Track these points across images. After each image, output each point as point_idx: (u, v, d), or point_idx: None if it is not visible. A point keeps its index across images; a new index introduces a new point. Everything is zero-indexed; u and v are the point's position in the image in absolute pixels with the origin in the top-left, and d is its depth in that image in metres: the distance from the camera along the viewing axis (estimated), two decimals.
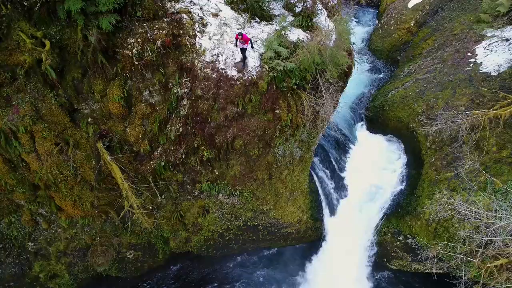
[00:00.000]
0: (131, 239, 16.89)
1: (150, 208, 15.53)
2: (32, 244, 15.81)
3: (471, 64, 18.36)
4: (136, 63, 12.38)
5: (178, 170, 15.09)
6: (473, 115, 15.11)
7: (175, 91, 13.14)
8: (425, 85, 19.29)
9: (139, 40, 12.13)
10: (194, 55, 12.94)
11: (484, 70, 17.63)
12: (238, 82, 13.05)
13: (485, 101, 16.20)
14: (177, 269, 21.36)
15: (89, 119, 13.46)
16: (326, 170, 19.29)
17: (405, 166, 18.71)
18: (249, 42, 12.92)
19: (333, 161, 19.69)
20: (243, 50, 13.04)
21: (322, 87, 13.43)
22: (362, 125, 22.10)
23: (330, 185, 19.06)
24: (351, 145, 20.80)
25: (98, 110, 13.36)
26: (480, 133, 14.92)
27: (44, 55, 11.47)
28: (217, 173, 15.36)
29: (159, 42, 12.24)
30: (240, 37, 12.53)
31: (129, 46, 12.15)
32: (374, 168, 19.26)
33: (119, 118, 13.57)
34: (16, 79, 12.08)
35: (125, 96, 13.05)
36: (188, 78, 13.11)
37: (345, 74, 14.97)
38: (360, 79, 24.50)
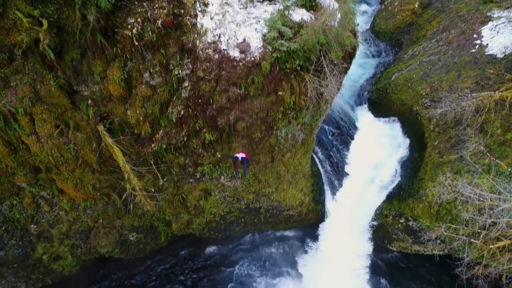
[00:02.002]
0: (133, 221, 16.95)
1: (152, 190, 15.52)
2: (34, 227, 15.86)
3: (477, 46, 18.02)
4: (136, 43, 12.09)
5: (179, 153, 15.00)
6: (478, 97, 14.91)
7: (176, 72, 12.90)
8: (429, 68, 18.99)
9: (139, 19, 11.81)
10: (196, 35, 12.65)
11: (490, 52, 17.29)
12: (240, 63, 12.80)
13: (491, 84, 15.96)
14: (179, 252, 21.63)
15: (89, 101, 13.27)
16: (328, 153, 19.22)
17: (408, 149, 18.59)
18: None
19: (335, 144, 19.60)
20: (235, 159, 14.42)
21: (326, 68, 13.18)
22: (365, 108, 21.90)
23: (332, 168, 19.01)
24: (353, 128, 20.67)
25: (98, 92, 13.15)
26: (485, 116, 14.75)
27: (41, 34, 11.20)
28: (219, 155, 15.27)
29: (159, 22, 11.93)
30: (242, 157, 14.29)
31: (128, 26, 11.84)
32: (376, 151, 19.17)
33: (119, 100, 13.38)
34: (13, 60, 11.84)
35: (126, 77, 12.82)
36: (190, 59, 12.86)
37: (349, 55, 14.68)
38: (363, 62, 24.21)
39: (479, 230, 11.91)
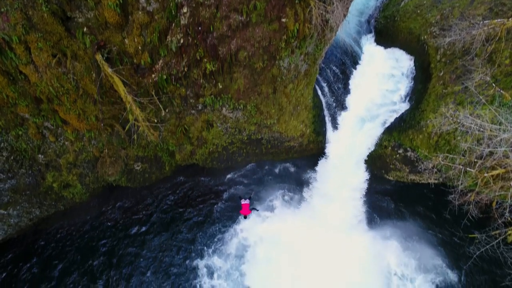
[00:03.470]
0: (137, 151, 17.32)
1: (155, 121, 15.64)
2: (42, 156, 16.25)
3: None
4: None
5: (180, 83, 14.80)
6: (490, 25, 14.26)
7: None
8: None
9: None
10: None
11: None
12: None
13: (505, 10, 15.17)
14: (181, 181, 22.53)
15: (85, 29, 12.74)
16: (330, 84, 18.97)
17: (412, 80, 18.34)
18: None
19: (338, 75, 19.26)
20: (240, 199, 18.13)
21: None
22: (370, 37, 21.12)
23: (334, 99, 18.91)
24: (357, 59, 20.14)
25: (93, 19, 12.56)
26: (495, 45, 14.26)
27: None
28: (220, 86, 15.10)
29: None
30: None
31: None
32: (379, 81, 18.92)
33: (116, 28, 12.84)
34: None
35: (121, 2, 12.16)
36: None
37: None
38: None
39: (476, 160, 12.22)
